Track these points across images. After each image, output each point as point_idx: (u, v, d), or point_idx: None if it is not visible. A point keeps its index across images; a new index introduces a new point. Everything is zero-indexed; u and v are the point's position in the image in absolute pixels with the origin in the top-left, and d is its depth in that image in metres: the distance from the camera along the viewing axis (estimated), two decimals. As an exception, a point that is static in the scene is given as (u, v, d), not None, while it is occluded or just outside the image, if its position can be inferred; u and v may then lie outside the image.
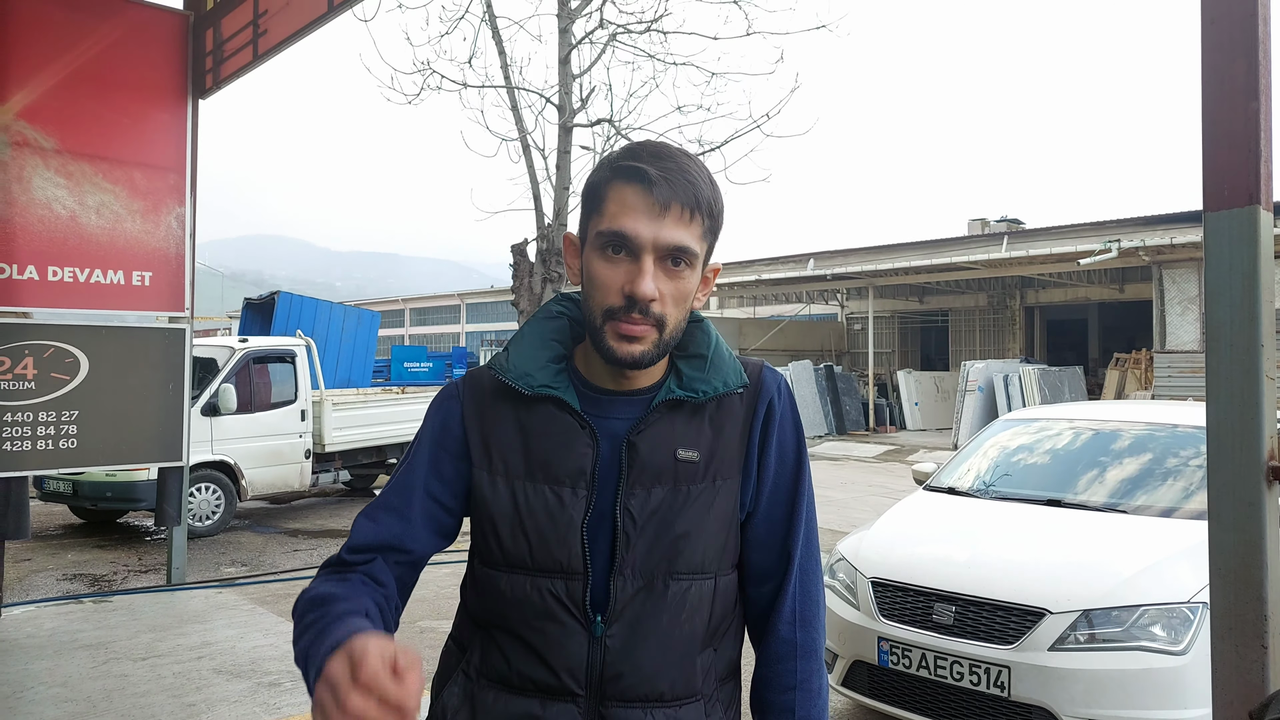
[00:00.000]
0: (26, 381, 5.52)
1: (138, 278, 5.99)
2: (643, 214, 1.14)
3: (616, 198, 1.16)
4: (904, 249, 22.30)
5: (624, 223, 1.14)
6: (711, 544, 1.22)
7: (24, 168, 5.55)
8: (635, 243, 1.14)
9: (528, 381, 1.22)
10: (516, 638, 1.20)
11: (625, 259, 1.15)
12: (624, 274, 1.15)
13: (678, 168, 1.17)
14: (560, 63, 8.45)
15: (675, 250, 1.15)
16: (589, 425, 1.21)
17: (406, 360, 27.24)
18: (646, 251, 1.14)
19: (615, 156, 1.20)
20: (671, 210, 1.14)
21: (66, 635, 5.20)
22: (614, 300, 1.16)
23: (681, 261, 1.16)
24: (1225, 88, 1.59)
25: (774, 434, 1.27)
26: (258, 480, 9.20)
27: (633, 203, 1.14)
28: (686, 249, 1.16)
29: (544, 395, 1.22)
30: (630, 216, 1.14)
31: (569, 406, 1.22)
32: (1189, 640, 3.16)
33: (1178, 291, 17.66)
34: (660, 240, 1.14)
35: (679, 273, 1.17)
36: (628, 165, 1.16)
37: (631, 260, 1.15)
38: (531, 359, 1.25)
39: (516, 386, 1.22)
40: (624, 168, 1.17)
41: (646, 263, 1.14)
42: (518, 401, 1.24)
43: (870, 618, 3.70)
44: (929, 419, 21.48)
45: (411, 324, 52.65)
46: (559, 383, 1.23)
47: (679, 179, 1.15)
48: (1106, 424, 4.78)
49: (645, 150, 1.18)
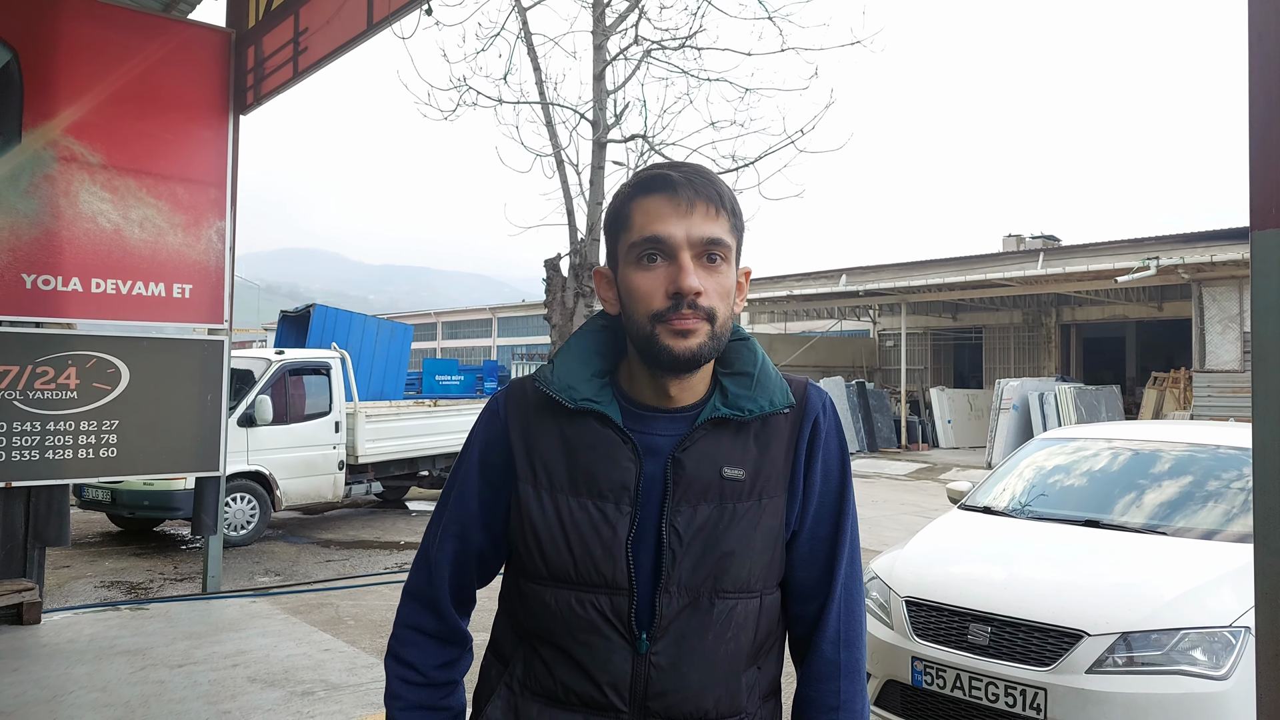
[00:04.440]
0: (69, 391, 5.65)
1: (178, 290, 6.11)
2: (671, 216, 1.17)
3: (642, 210, 1.19)
4: (937, 265, 22.12)
5: (655, 228, 1.17)
6: (757, 562, 1.22)
7: (71, 182, 5.70)
8: (670, 243, 1.16)
9: (571, 394, 1.23)
10: (561, 651, 1.21)
11: (663, 263, 1.17)
12: (664, 276, 1.17)
13: (695, 170, 1.21)
14: (595, 79, 8.52)
15: (709, 243, 1.17)
16: (631, 440, 1.21)
17: (438, 373, 27.46)
18: (683, 249, 1.16)
19: (631, 179, 1.25)
20: (698, 207, 1.17)
21: (105, 641, 5.29)
22: (659, 304, 1.17)
23: (717, 256, 1.18)
24: (1273, 104, 1.57)
25: (819, 452, 1.27)
26: (292, 491, 9.31)
27: (659, 209, 1.17)
28: (720, 241, 1.18)
29: (587, 409, 1.22)
30: (660, 221, 1.17)
31: (612, 421, 1.22)
32: (1230, 665, 3.08)
33: (1218, 310, 17.33)
34: (694, 235, 1.16)
35: (716, 267, 1.18)
36: (648, 177, 1.20)
37: (669, 262, 1.17)
38: (576, 373, 1.25)
39: (560, 399, 1.23)
40: (644, 181, 1.20)
41: (685, 259, 1.16)
42: (561, 415, 1.24)
43: (904, 637, 3.65)
44: (962, 437, 21.21)
45: (443, 337, 53.12)
46: (603, 397, 1.24)
47: (699, 179, 1.19)
48: (1146, 444, 4.69)
49: (661, 165, 1.23)
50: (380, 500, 11.73)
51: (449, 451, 11.12)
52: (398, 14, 5.22)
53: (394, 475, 10.90)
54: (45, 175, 5.61)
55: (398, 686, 1.30)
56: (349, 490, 10.11)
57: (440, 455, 11.10)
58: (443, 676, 1.31)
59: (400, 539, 9.52)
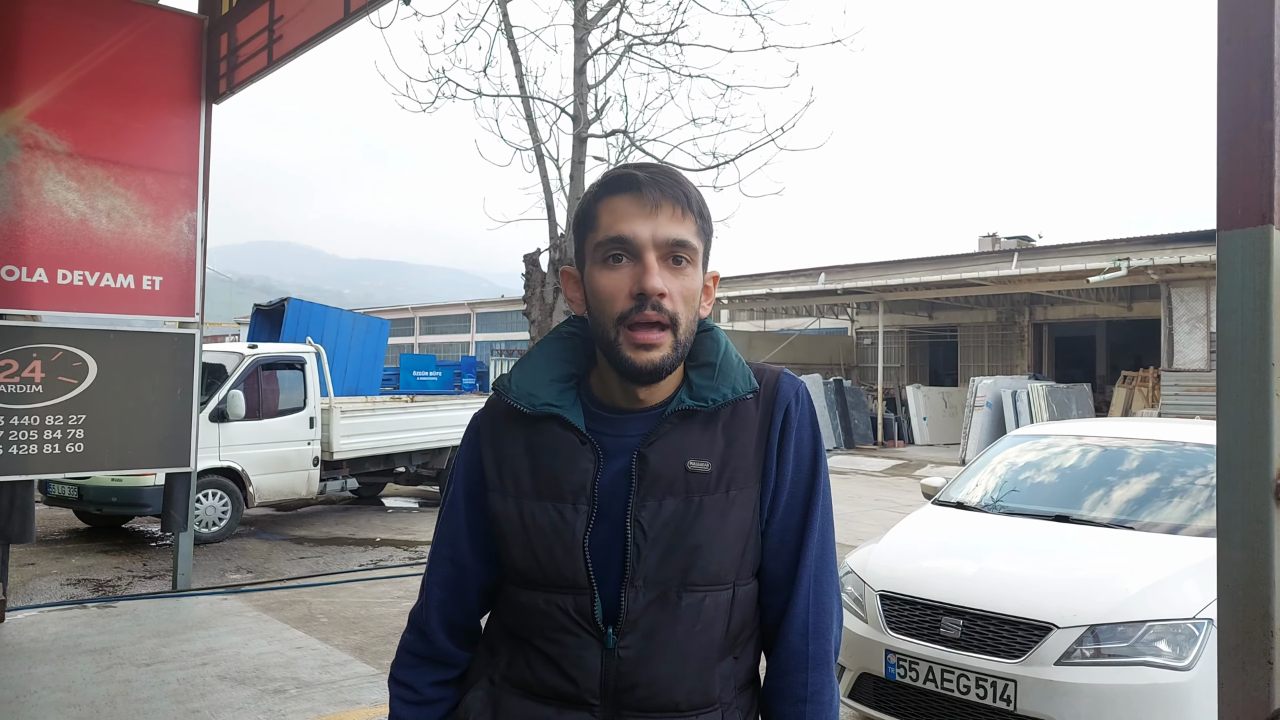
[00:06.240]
0: (34, 385, 5.54)
1: (148, 282, 6.02)
2: (637, 216, 1.17)
3: (608, 210, 1.19)
4: (914, 264, 22.30)
5: (621, 228, 1.17)
6: (728, 554, 1.21)
7: (35, 170, 5.59)
8: (635, 243, 1.16)
9: (530, 401, 1.24)
10: (537, 649, 1.23)
11: (628, 263, 1.17)
12: (629, 276, 1.17)
13: (662, 172, 1.21)
14: (576, 73, 8.50)
15: (675, 245, 1.17)
16: (590, 440, 1.22)
17: (415, 369, 27.30)
18: (648, 249, 1.16)
19: (598, 180, 1.25)
20: (663, 208, 1.17)
21: (70, 640, 5.20)
22: (623, 304, 1.17)
23: (683, 258, 1.19)
24: (1240, 108, 1.59)
25: (791, 441, 1.26)
26: (265, 487, 9.21)
27: (625, 209, 1.18)
28: (685, 243, 1.18)
29: (547, 414, 1.24)
30: (625, 221, 1.17)
31: (571, 424, 1.23)
32: (1194, 656, 3.14)
33: (1186, 310, 17.62)
34: (659, 236, 1.17)
35: (682, 269, 1.19)
36: (614, 177, 1.21)
37: (634, 262, 1.17)
38: (535, 379, 1.27)
39: (518, 406, 1.24)
40: (611, 181, 1.21)
41: (650, 259, 1.16)
42: (525, 422, 1.26)
43: (878, 630, 3.68)
44: (937, 434, 21.41)
45: (421, 333, 52.81)
46: (563, 401, 1.25)
47: (666, 180, 1.19)
48: (1115, 441, 4.76)
49: (629, 166, 1.23)
50: (356, 497, 11.64)
51: (426, 448, 11.05)
52: (375, 3, 5.17)
53: (370, 472, 10.81)
54: (8, 163, 5.50)
55: (397, 705, 1.35)
56: (324, 487, 10.02)
57: (417, 452, 11.03)
58: (437, 694, 1.34)
59: (375, 536, 9.45)
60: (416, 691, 1.34)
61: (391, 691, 1.36)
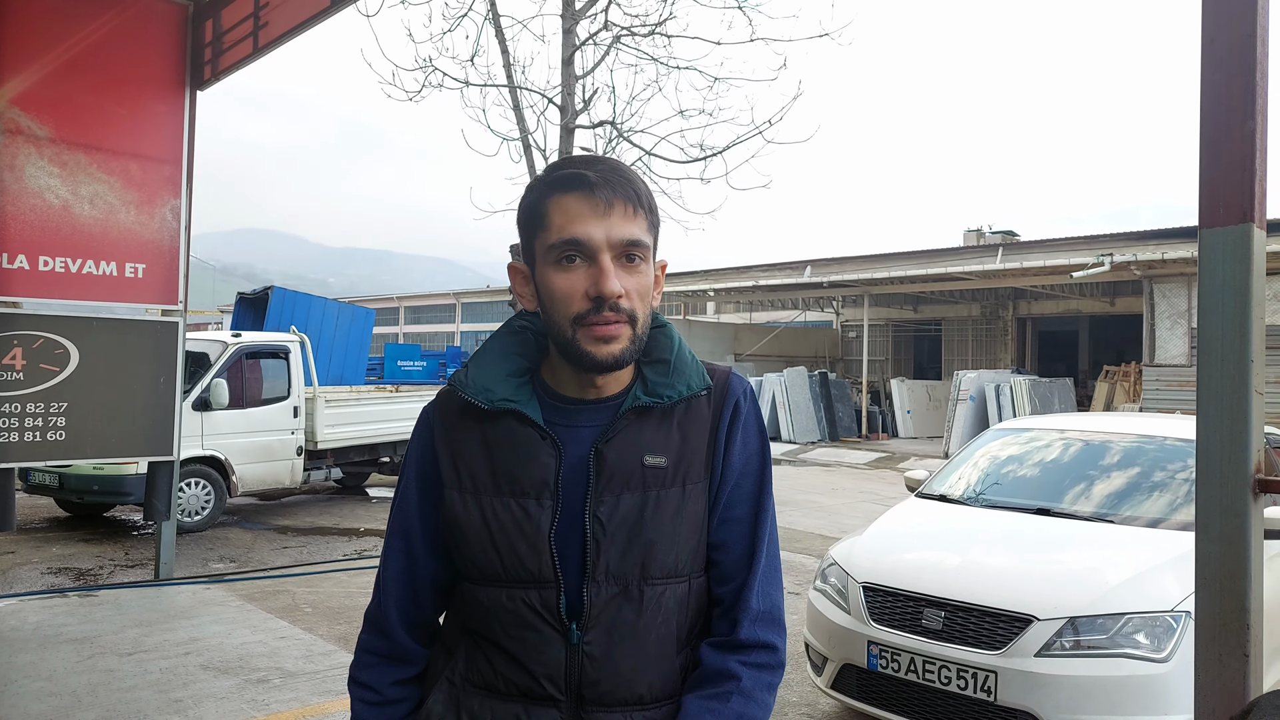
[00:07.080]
0: (14, 372, 5.49)
1: (130, 269, 5.97)
2: (590, 217, 1.16)
3: (560, 209, 1.18)
4: (900, 258, 22.37)
5: (574, 229, 1.16)
6: (684, 547, 1.23)
7: (16, 155, 5.53)
8: (590, 246, 1.16)
9: (487, 396, 1.24)
10: (498, 646, 1.23)
11: (582, 265, 1.17)
12: (584, 278, 1.17)
13: (612, 169, 1.20)
14: (563, 63, 8.45)
15: (629, 245, 1.17)
16: (550, 435, 1.23)
17: (400, 359, 27.12)
18: (603, 251, 1.16)
19: (545, 175, 1.23)
20: (616, 208, 1.17)
21: (51, 629, 5.17)
22: (579, 305, 1.17)
23: (637, 256, 1.19)
24: (1223, 107, 1.61)
25: (739, 435, 1.28)
26: (248, 476, 9.17)
27: (577, 209, 1.17)
28: (639, 242, 1.18)
29: (504, 409, 1.24)
30: (579, 222, 1.16)
31: (530, 420, 1.23)
32: (1171, 648, 3.19)
33: (1167, 306, 17.77)
34: (613, 237, 1.16)
35: (636, 267, 1.19)
36: (564, 175, 1.19)
37: (589, 264, 1.17)
38: (491, 374, 1.27)
39: (476, 402, 1.24)
40: (560, 178, 1.19)
41: (606, 262, 1.16)
42: (480, 417, 1.26)
43: (861, 622, 3.71)
44: (921, 427, 21.53)
45: (406, 322, 52.54)
46: (520, 396, 1.25)
47: (616, 178, 1.18)
48: (1096, 435, 4.81)
49: (575, 160, 1.22)
50: (340, 486, 11.59)
51: (410, 438, 11.02)
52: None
53: (354, 461, 10.77)
54: (-10, 148, 5.44)
55: (359, 708, 1.34)
56: (308, 476, 9.97)
57: (401, 442, 10.99)
58: (399, 694, 1.33)
59: (360, 525, 9.43)
60: (377, 692, 1.32)
61: (352, 694, 1.35)
